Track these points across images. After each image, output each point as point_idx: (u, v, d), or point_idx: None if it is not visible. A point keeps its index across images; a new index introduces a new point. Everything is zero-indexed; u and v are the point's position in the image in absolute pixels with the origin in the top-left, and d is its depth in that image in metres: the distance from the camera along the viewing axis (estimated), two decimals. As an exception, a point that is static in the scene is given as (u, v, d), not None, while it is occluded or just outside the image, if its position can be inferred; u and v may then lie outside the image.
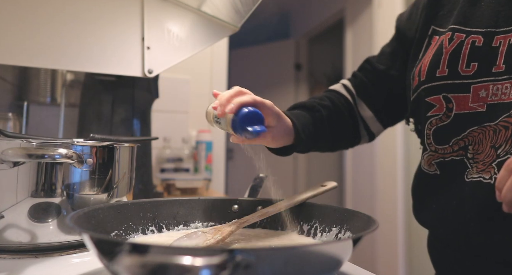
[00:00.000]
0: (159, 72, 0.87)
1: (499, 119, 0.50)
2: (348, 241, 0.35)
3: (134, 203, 0.52)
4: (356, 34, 2.56)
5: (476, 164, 0.52)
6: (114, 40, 0.85)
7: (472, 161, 0.53)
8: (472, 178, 0.52)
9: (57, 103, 1.22)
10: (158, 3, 0.90)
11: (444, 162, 0.57)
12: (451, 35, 0.57)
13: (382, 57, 0.75)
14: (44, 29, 0.79)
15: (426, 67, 0.59)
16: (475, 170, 0.52)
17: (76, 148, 0.51)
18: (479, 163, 0.52)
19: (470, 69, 0.54)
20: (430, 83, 0.58)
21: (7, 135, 0.56)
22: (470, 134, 0.53)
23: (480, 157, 0.52)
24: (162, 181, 1.39)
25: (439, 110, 0.57)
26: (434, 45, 0.59)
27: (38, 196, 0.49)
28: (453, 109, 0.55)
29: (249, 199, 0.60)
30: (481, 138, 0.52)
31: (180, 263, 0.25)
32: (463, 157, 0.54)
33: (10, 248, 0.49)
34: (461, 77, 0.54)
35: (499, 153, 0.50)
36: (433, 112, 0.58)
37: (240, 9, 0.90)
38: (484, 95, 0.52)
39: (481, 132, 0.52)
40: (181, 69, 1.85)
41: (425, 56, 0.61)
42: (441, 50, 0.57)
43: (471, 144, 0.53)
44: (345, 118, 0.72)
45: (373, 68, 0.75)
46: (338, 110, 0.72)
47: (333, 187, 0.60)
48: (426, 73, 0.58)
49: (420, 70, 0.60)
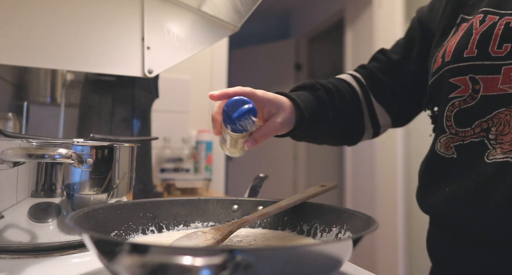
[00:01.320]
0: (159, 72, 0.87)
1: None
2: (348, 241, 0.35)
3: (134, 203, 0.52)
4: (356, 34, 2.56)
5: (501, 144, 0.51)
6: (114, 40, 0.85)
7: (494, 142, 0.51)
8: (495, 159, 0.51)
9: (57, 103, 1.22)
10: (158, 3, 0.90)
11: (462, 145, 0.55)
12: (482, 17, 0.55)
13: (397, 47, 0.74)
14: (44, 29, 0.79)
15: (452, 48, 0.57)
16: (500, 151, 0.51)
17: (76, 148, 0.51)
18: (505, 144, 0.50)
19: (502, 50, 0.52)
20: (456, 63, 0.56)
21: (7, 135, 0.56)
22: (496, 116, 0.52)
23: (506, 138, 0.51)
24: (162, 181, 1.39)
25: (464, 91, 0.55)
26: (463, 29, 0.58)
27: (38, 196, 0.49)
28: (479, 91, 0.54)
29: (249, 199, 0.60)
30: (508, 119, 0.51)
31: (180, 263, 0.25)
32: (484, 138, 0.53)
33: (10, 248, 0.49)
34: (491, 58, 0.53)
35: None
36: (457, 93, 0.56)
37: (240, 9, 0.90)
38: None
39: (509, 113, 0.51)
40: (181, 69, 1.85)
41: (452, 39, 0.59)
42: (471, 31, 0.55)
43: (495, 125, 0.52)
44: (348, 104, 0.70)
45: (387, 58, 0.73)
46: (341, 95, 0.69)
47: (333, 187, 0.60)
48: (452, 53, 0.57)
49: (445, 52, 0.58)
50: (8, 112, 1.02)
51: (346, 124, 0.71)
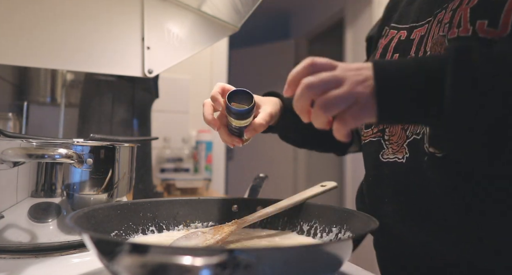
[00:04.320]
0: (159, 72, 0.87)
1: None
2: (348, 241, 0.35)
3: (134, 203, 0.52)
4: (356, 34, 2.56)
5: (392, 145, 0.54)
6: (114, 40, 0.85)
7: (388, 142, 0.55)
8: (388, 159, 0.54)
9: (57, 103, 1.22)
10: (158, 3, 0.90)
11: (365, 144, 0.61)
12: (387, 32, 0.61)
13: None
14: (44, 29, 0.79)
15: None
16: (391, 151, 0.54)
17: (76, 148, 0.51)
18: (394, 144, 0.54)
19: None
20: None
21: (7, 135, 0.56)
22: None
23: (394, 139, 0.54)
24: (162, 181, 1.39)
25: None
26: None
27: (38, 196, 0.49)
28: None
29: (249, 199, 0.60)
30: None
31: (180, 263, 0.25)
32: (380, 138, 0.57)
33: (10, 248, 0.49)
34: None
35: (407, 134, 0.52)
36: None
37: (240, 9, 0.90)
38: None
39: None
40: (181, 69, 1.85)
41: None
42: (378, 45, 0.62)
43: (388, 127, 0.56)
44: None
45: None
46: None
47: (333, 187, 0.60)
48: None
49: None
50: (8, 112, 1.02)
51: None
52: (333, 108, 0.37)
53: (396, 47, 0.57)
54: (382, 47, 0.60)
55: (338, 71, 0.39)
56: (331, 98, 0.37)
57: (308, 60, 0.40)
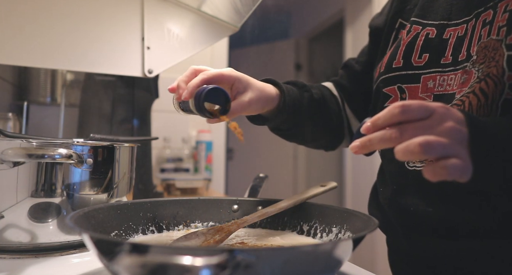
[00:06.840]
0: (159, 72, 0.87)
1: None
2: (348, 241, 0.35)
3: (134, 203, 0.52)
4: (356, 34, 2.56)
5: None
6: (114, 40, 0.85)
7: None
8: (415, 167, 0.53)
9: (57, 103, 1.22)
10: (158, 3, 0.90)
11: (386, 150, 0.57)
12: (409, 28, 0.58)
13: (360, 57, 0.75)
14: (44, 29, 0.79)
15: (386, 59, 0.60)
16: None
17: (76, 148, 0.51)
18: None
19: (421, 60, 0.55)
20: (387, 74, 0.59)
21: (7, 135, 0.56)
22: None
23: None
24: (162, 181, 1.39)
25: (395, 100, 0.58)
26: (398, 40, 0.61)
27: (38, 196, 0.49)
28: (406, 99, 0.56)
29: (249, 199, 0.60)
30: None
31: (180, 263, 0.25)
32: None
33: (10, 248, 0.49)
34: (413, 68, 0.56)
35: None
36: (389, 103, 0.58)
37: (240, 9, 0.90)
38: (432, 86, 0.54)
39: None
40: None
41: (391, 49, 0.62)
42: (400, 42, 0.59)
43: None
44: (330, 109, 0.71)
45: (351, 69, 0.75)
46: (325, 99, 0.70)
47: (333, 187, 0.60)
48: (386, 64, 0.60)
49: (382, 63, 0.61)
50: (8, 112, 1.02)
51: (327, 125, 0.72)
52: (435, 152, 0.33)
53: (425, 46, 0.55)
54: (405, 44, 0.57)
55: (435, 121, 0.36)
56: (435, 143, 0.33)
57: (399, 104, 0.35)
